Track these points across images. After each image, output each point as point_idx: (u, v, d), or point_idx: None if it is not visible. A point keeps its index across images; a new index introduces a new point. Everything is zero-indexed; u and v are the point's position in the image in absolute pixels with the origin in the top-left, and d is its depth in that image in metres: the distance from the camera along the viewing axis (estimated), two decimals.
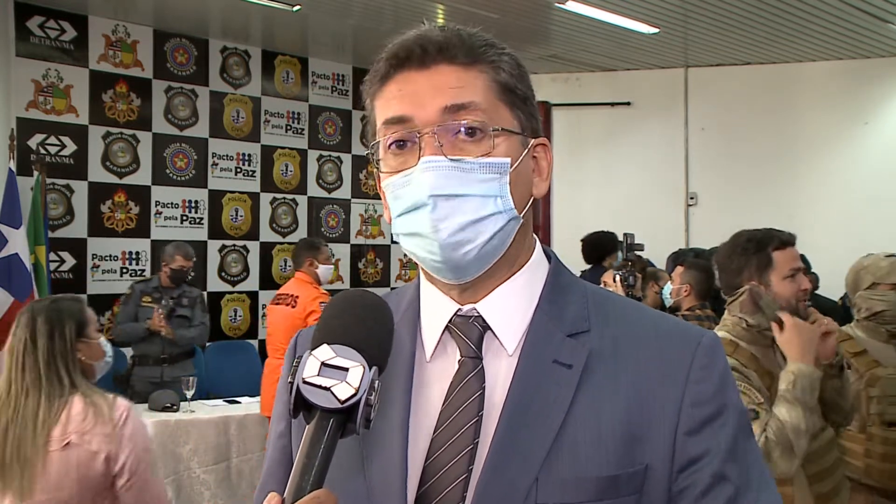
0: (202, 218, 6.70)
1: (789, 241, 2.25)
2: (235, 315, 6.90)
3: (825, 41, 6.38)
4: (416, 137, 0.89)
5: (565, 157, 7.25)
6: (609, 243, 5.98)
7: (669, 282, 4.47)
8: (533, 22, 6.19)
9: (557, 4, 5.64)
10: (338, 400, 0.74)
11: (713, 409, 0.89)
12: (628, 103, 7.51)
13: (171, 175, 6.54)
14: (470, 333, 0.93)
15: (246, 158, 6.92)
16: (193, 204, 6.65)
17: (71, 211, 6.08)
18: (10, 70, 5.75)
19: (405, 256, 7.65)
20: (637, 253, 4.83)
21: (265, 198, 7.05)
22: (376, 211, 7.69)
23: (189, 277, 5.50)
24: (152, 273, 6.10)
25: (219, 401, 4.95)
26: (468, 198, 0.88)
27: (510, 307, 0.94)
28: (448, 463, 0.87)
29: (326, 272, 5.22)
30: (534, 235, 1.00)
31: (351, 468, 0.90)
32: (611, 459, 0.86)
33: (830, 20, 5.85)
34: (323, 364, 0.76)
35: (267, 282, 7.05)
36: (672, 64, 7.28)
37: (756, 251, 2.24)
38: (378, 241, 7.78)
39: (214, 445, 4.49)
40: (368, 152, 0.96)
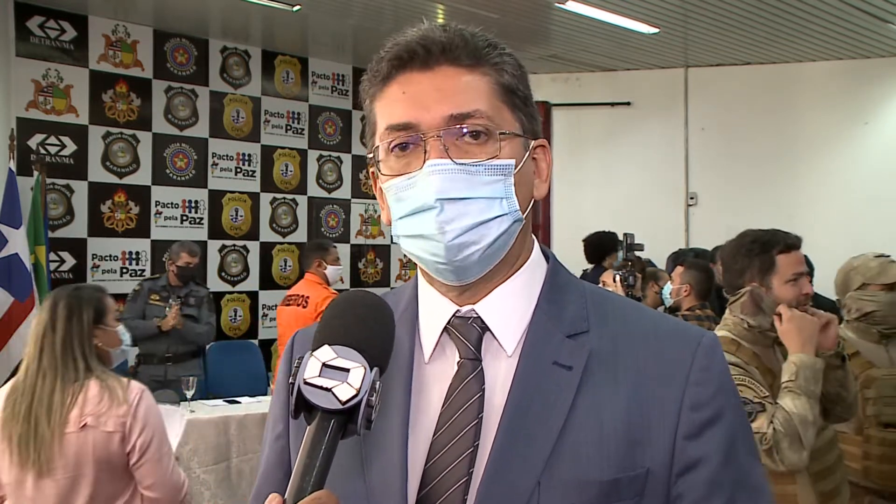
0: (202, 218, 6.70)
1: (794, 245, 2.25)
2: (235, 315, 6.90)
3: (825, 41, 6.38)
4: (421, 140, 0.88)
5: (565, 157, 7.24)
6: (609, 243, 5.99)
7: (669, 282, 4.47)
8: (533, 22, 6.18)
9: (557, 4, 5.63)
10: (339, 401, 0.74)
11: (712, 413, 0.89)
12: (628, 103, 7.50)
13: (171, 175, 6.53)
14: (469, 335, 0.93)
15: (246, 158, 6.92)
16: (193, 204, 6.65)
17: (71, 211, 6.07)
18: (10, 70, 5.75)
19: (405, 256, 7.64)
20: (637, 253, 4.83)
21: (265, 198, 7.04)
22: (376, 211, 7.69)
23: (195, 274, 5.51)
24: (152, 273, 6.11)
25: (219, 401, 4.94)
26: (474, 200, 0.88)
27: (509, 308, 0.93)
28: (448, 466, 0.87)
29: (334, 272, 5.36)
30: (532, 236, 0.99)
31: (351, 469, 0.90)
32: (612, 462, 0.85)
33: (830, 20, 5.84)
34: (324, 365, 0.76)
35: (267, 282, 7.05)
36: (672, 64, 7.27)
37: (760, 253, 2.23)
38: (378, 241, 7.78)
39: (214, 445, 4.47)
40: (368, 155, 0.95)
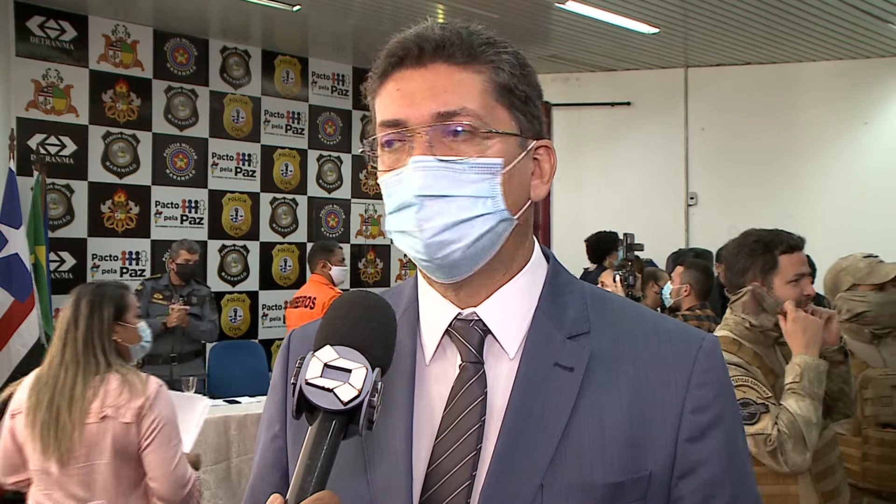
0: (202, 218, 6.70)
1: (797, 246, 2.24)
2: (235, 315, 6.90)
3: (825, 41, 6.37)
4: (408, 137, 0.89)
5: (565, 157, 7.23)
6: (609, 242, 6.00)
7: (669, 282, 4.48)
8: (533, 22, 6.18)
9: (557, 4, 5.63)
10: (340, 401, 0.74)
11: (713, 416, 0.89)
12: (628, 103, 7.50)
13: (171, 175, 6.53)
14: (470, 338, 0.92)
15: (246, 158, 6.92)
16: (193, 204, 6.64)
17: (71, 211, 6.07)
18: (10, 70, 5.74)
19: (405, 256, 7.65)
20: (637, 253, 4.83)
21: (265, 198, 7.04)
22: (376, 211, 7.69)
23: (195, 272, 5.51)
24: (152, 273, 6.11)
25: (219, 401, 4.94)
26: (455, 198, 0.88)
27: (510, 310, 0.93)
28: (451, 469, 0.86)
29: (340, 273, 5.45)
30: (532, 237, 0.99)
31: (353, 470, 0.90)
32: (615, 465, 0.85)
33: (830, 20, 5.84)
34: (326, 365, 0.76)
35: (267, 282, 7.05)
36: (672, 64, 7.27)
37: (762, 253, 2.23)
38: (378, 241, 7.77)
39: (214, 445, 4.47)
40: (363, 150, 0.96)
